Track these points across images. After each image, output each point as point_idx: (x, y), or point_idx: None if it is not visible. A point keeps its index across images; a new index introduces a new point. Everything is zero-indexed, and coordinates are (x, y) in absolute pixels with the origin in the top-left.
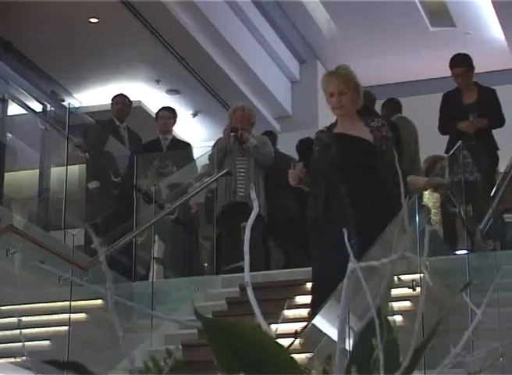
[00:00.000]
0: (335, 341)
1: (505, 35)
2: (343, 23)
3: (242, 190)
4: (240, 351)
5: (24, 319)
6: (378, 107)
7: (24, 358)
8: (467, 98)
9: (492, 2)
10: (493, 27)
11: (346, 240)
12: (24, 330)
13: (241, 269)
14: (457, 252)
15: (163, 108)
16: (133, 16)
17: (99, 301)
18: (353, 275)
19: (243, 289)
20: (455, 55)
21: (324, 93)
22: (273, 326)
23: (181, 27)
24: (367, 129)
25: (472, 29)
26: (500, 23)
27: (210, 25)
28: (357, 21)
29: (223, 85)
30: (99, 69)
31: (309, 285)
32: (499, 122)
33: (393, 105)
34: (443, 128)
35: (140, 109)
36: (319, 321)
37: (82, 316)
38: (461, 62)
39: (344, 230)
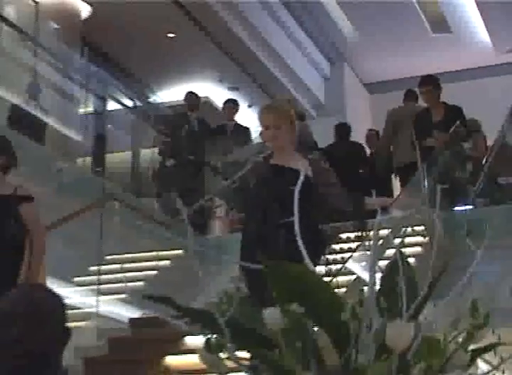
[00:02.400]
0: (364, 279)
1: (490, 38)
2: (363, 33)
3: None
4: (294, 286)
5: (124, 265)
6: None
7: (126, 295)
8: (435, 116)
9: (480, 12)
10: (481, 32)
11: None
12: (125, 274)
13: None
14: (456, 208)
15: (228, 100)
16: (199, 30)
17: (180, 251)
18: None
19: None
20: (423, 77)
21: (260, 125)
22: (317, 268)
23: (238, 39)
24: (305, 161)
25: (464, 34)
26: (486, 28)
27: (260, 36)
28: (374, 29)
29: (270, 82)
30: (175, 72)
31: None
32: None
33: (411, 95)
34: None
35: (208, 103)
36: (351, 264)
37: (167, 262)
38: (427, 82)
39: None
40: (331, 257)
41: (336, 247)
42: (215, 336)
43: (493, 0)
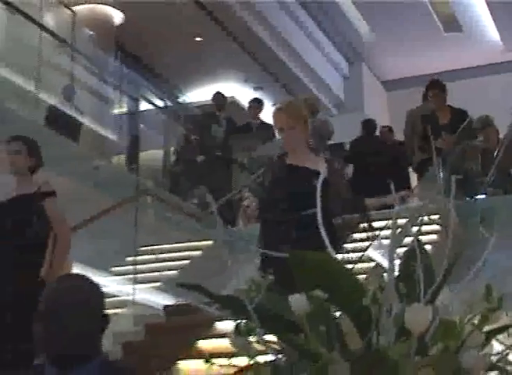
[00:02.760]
0: (384, 266)
1: (500, 36)
2: (379, 33)
3: None
4: (317, 274)
5: (160, 256)
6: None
7: (160, 283)
8: (441, 118)
9: (490, 12)
10: (491, 30)
11: None
12: (159, 264)
13: None
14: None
15: (253, 99)
16: (226, 35)
17: (210, 242)
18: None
19: None
20: (430, 81)
21: (274, 127)
22: (338, 256)
23: (261, 42)
24: (319, 160)
25: (474, 33)
26: (496, 27)
27: (283, 39)
28: (390, 30)
29: (293, 82)
30: (203, 73)
31: None
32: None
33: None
34: (422, 146)
35: (234, 102)
36: (371, 252)
37: (198, 253)
38: (434, 86)
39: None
40: (351, 245)
41: (357, 236)
42: (244, 321)
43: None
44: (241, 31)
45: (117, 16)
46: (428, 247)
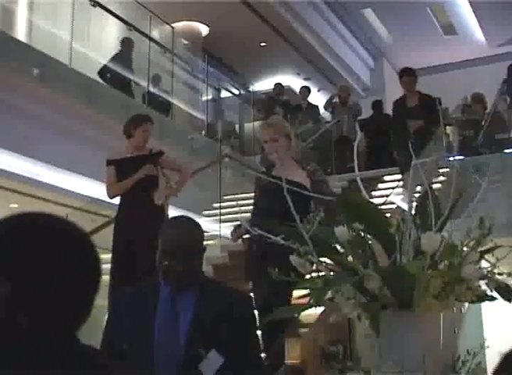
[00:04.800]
0: (403, 209)
1: (484, 37)
2: (396, 36)
3: (345, 129)
4: (356, 211)
5: (238, 202)
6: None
7: (239, 222)
8: (410, 103)
9: (477, 20)
10: (478, 33)
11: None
12: (238, 208)
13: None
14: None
15: (303, 86)
16: (283, 41)
17: None
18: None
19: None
20: (403, 68)
21: (261, 140)
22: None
23: (309, 45)
24: (303, 172)
25: (465, 35)
26: (482, 30)
27: (326, 43)
28: (403, 33)
29: (332, 73)
30: (266, 69)
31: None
32: (435, 123)
33: None
34: (396, 128)
35: (289, 90)
36: (393, 197)
37: None
38: (407, 73)
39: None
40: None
41: (381, 185)
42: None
43: (487, 3)
44: (294, 38)
45: (204, 29)
46: (436, 192)
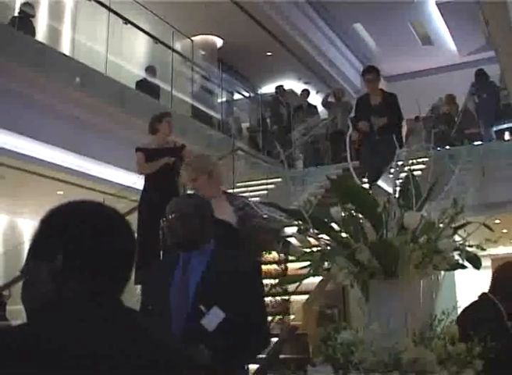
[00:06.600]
0: (388, 192)
1: (456, 47)
2: (381, 47)
3: (340, 124)
4: (349, 193)
5: (248, 188)
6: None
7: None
8: (373, 101)
9: (450, 32)
10: (450, 44)
11: None
12: (249, 193)
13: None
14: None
15: (304, 89)
16: (286, 50)
17: (280, 179)
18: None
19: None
20: (367, 66)
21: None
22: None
23: (309, 54)
24: (231, 208)
25: (440, 45)
26: (453, 41)
27: (323, 53)
28: (388, 44)
29: (328, 77)
30: (272, 74)
31: None
32: (398, 120)
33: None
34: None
35: (291, 92)
36: (379, 183)
37: (273, 186)
38: (371, 70)
39: None
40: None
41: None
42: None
43: (459, 18)
44: (295, 48)
45: (219, 42)
46: (417, 178)
